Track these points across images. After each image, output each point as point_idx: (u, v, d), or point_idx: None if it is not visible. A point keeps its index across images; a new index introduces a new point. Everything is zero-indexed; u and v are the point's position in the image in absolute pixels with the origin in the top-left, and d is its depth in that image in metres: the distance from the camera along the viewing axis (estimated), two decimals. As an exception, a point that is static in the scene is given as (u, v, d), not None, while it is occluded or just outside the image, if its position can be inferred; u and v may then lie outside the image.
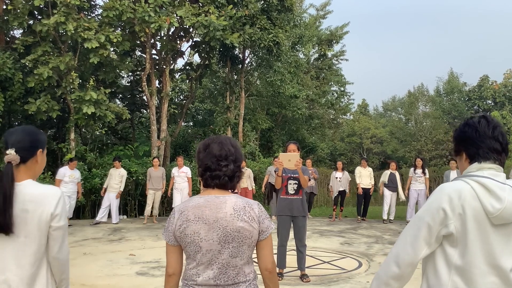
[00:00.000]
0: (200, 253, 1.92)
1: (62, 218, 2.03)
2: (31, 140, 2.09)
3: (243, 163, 2.13)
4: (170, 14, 13.27)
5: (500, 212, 1.65)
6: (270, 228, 2.00)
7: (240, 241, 1.92)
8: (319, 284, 5.75)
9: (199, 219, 1.92)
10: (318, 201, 18.22)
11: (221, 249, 1.91)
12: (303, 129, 24.12)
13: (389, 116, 40.35)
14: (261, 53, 17.62)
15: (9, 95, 12.49)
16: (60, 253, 2.05)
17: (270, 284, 2.04)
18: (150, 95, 14.79)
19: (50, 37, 12.49)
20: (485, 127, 1.79)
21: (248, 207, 1.96)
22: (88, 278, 5.90)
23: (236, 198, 1.98)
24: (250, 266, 2.00)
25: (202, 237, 1.91)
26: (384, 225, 11.78)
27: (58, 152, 13.80)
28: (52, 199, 2.01)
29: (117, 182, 11.52)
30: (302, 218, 5.89)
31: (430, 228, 1.72)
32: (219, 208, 1.93)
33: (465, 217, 1.68)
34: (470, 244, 1.68)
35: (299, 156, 5.69)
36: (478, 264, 1.67)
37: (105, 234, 9.74)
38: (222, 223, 1.91)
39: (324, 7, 26.14)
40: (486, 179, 1.70)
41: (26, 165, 2.05)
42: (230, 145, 2.03)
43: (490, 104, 28.93)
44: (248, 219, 1.93)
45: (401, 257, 1.77)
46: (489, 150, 1.77)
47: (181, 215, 1.96)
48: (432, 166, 22.87)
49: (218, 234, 1.90)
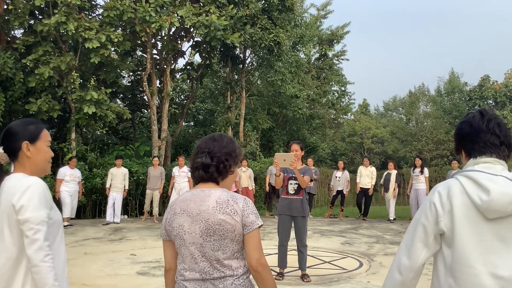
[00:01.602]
0: (184, 246, 1.93)
1: (28, 210, 1.79)
2: (13, 133, 1.98)
3: (243, 162, 2.14)
4: (171, 14, 13.27)
5: (488, 204, 1.56)
6: (255, 223, 1.92)
7: (222, 234, 1.90)
8: (320, 284, 5.74)
9: (184, 211, 1.95)
10: (318, 201, 18.21)
11: (203, 242, 1.90)
12: (304, 129, 24.11)
13: (390, 116, 40.34)
14: (262, 53, 17.63)
15: (10, 95, 12.51)
16: (30, 251, 1.76)
17: (259, 284, 1.95)
18: (151, 95, 14.80)
19: (51, 37, 12.51)
20: (479, 121, 1.74)
21: (232, 201, 1.93)
22: (89, 278, 5.90)
23: (221, 192, 1.97)
24: (238, 261, 1.95)
25: (185, 229, 1.93)
26: (385, 225, 11.77)
27: (59, 152, 13.80)
28: (18, 189, 1.82)
29: (120, 181, 11.52)
30: (301, 218, 5.87)
31: (425, 228, 1.68)
32: (203, 201, 1.94)
33: (454, 214, 1.62)
34: (461, 242, 1.60)
35: (295, 156, 5.73)
36: (472, 264, 1.59)
37: (106, 234, 9.74)
38: (204, 215, 1.91)
39: (325, 6, 26.13)
40: (475, 172, 1.65)
41: (18, 161, 1.98)
42: (211, 139, 2.05)
43: (491, 104, 28.88)
44: (230, 212, 1.90)
45: (402, 263, 1.72)
46: (484, 144, 1.71)
47: (170, 209, 2.02)
48: (433, 166, 22.85)
49: (200, 227, 1.90)
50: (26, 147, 1.96)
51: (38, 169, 2.01)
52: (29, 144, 1.98)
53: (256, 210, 1.99)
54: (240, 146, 2.14)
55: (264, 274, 1.92)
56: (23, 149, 1.96)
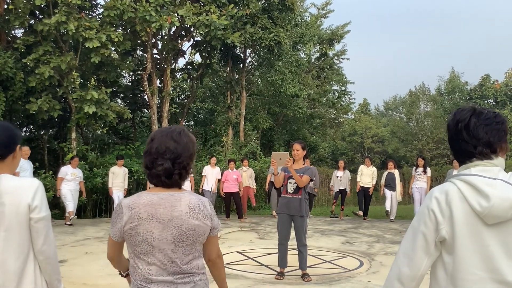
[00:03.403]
0: (151, 253, 1.85)
1: (42, 209, 1.95)
2: (9, 136, 2.04)
3: (245, 162, 2.11)
4: (171, 14, 13.27)
5: (489, 211, 1.52)
6: (219, 225, 2.01)
7: (194, 239, 1.89)
8: (320, 283, 5.74)
9: (152, 217, 1.85)
10: (319, 200, 18.23)
11: (175, 248, 1.86)
12: (304, 129, 24.11)
13: (390, 116, 40.34)
14: (262, 52, 17.62)
15: (11, 94, 12.50)
16: (45, 246, 1.96)
17: (216, 273, 2.10)
18: (151, 94, 14.80)
19: (51, 37, 12.51)
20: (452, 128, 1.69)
21: (202, 205, 1.92)
22: (89, 278, 5.90)
23: (189, 195, 1.93)
24: (201, 259, 1.99)
25: (155, 236, 1.84)
26: (385, 224, 11.77)
27: (59, 152, 13.81)
28: (28, 190, 1.94)
29: (122, 180, 11.52)
30: (299, 218, 5.85)
31: (425, 236, 1.61)
32: (174, 206, 1.87)
33: (454, 221, 1.57)
34: (463, 250, 1.56)
35: (295, 155, 5.78)
36: (473, 271, 1.54)
37: (106, 233, 9.74)
38: (177, 221, 1.85)
39: (325, 6, 26.10)
40: (472, 176, 1.59)
41: (4, 161, 2.01)
42: (172, 140, 1.90)
43: (491, 103, 28.85)
44: (202, 217, 1.90)
45: (403, 273, 1.65)
46: (464, 152, 1.66)
47: (132, 211, 1.87)
48: (434, 165, 22.84)
49: (173, 233, 1.85)
50: (18, 149, 2.08)
51: (15, 169, 2.14)
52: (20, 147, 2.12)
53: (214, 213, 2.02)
54: (194, 141, 2.02)
55: (221, 263, 2.12)
56: (16, 151, 2.07)
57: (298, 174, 5.76)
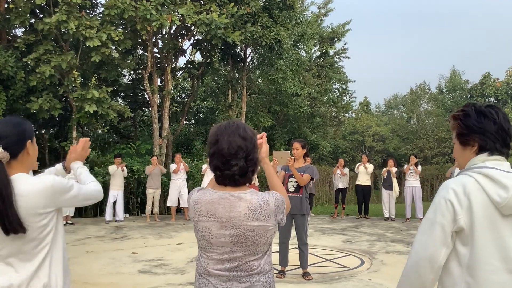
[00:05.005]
0: (211, 249, 1.86)
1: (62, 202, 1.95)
2: (18, 133, 1.93)
3: None
4: (172, 12, 13.26)
5: (508, 201, 1.57)
6: (283, 220, 1.94)
7: (255, 240, 1.83)
8: (321, 282, 5.74)
9: (211, 215, 1.84)
10: (320, 199, 18.23)
11: (233, 247, 1.83)
12: (305, 127, 24.10)
13: (391, 114, 40.28)
14: (263, 51, 17.59)
15: (11, 93, 12.52)
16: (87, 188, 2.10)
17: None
18: (152, 93, 14.80)
19: (51, 36, 12.51)
20: (502, 120, 1.72)
21: (264, 204, 1.84)
22: (90, 277, 5.91)
23: (251, 195, 1.86)
24: (266, 258, 1.92)
25: (213, 234, 1.84)
26: (386, 223, 11.77)
27: (60, 151, 13.82)
28: (39, 196, 1.85)
29: (121, 179, 11.55)
30: (300, 216, 5.86)
31: (443, 227, 1.62)
32: (233, 206, 1.83)
33: (473, 211, 1.60)
34: (481, 240, 1.59)
35: (295, 154, 5.79)
36: (491, 261, 1.58)
37: (107, 233, 9.76)
38: (235, 222, 1.81)
39: (326, 4, 26.06)
40: (489, 169, 1.64)
41: (17, 159, 1.92)
42: (240, 137, 1.85)
43: (492, 101, 28.85)
44: (263, 218, 1.83)
45: (421, 265, 1.65)
46: (504, 144, 1.71)
47: (195, 207, 1.89)
48: (434, 164, 22.84)
49: (231, 233, 1.82)
50: (30, 145, 1.98)
51: (32, 166, 2.04)
52: (31, 142, 2.00)
53: (284, 204, 1.93)
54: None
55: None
56: (27, 147, 1.96)
57: (299, 172, 5.78)
